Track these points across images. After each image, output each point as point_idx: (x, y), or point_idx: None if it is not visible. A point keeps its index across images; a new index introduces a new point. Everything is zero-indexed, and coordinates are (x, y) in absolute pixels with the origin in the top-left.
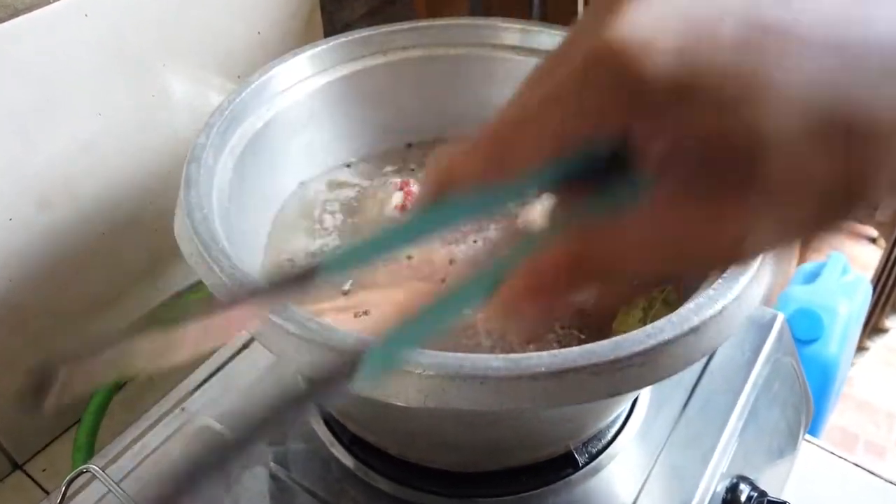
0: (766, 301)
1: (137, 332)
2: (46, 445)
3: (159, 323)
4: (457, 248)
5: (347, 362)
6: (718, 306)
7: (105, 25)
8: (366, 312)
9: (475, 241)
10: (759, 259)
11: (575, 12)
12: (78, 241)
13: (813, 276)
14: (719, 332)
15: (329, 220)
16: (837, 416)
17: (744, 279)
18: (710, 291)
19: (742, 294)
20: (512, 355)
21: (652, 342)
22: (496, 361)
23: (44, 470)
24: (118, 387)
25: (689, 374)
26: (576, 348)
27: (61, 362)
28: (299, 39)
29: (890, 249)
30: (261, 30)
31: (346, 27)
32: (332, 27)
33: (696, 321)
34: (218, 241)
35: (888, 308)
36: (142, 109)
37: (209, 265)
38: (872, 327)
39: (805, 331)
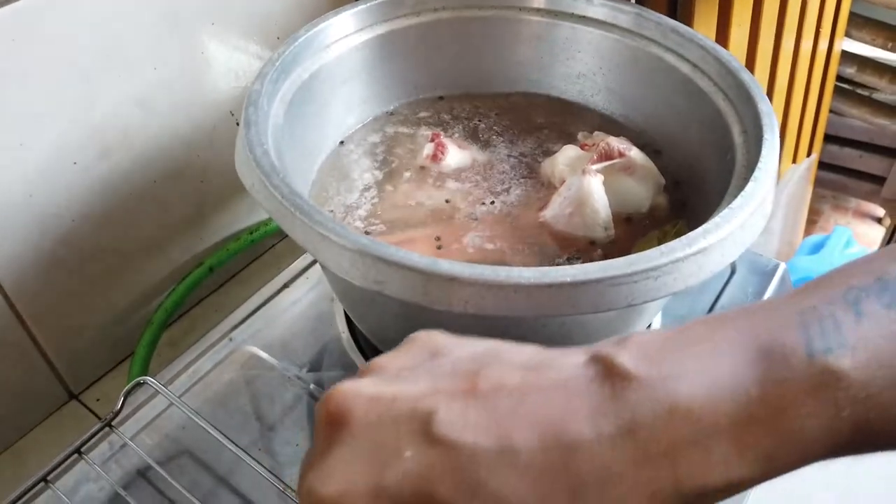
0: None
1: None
2: (100, 377)
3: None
4: (479, 209)
5: None
6: (724, 232)
7: None
8: (410, 243)
9: (492, 203)
10: (763, 192)
11: None
12: (133, 188)
13: (817, 248)
14: (724, 254)
15: (368, 177)
16: None
17: (748, 209)
18: (717, 219)
19: (746, 222)
20: (541, 268)
21: (665, 259)
22: (528, 272)
23: (98, 399)
24: (168, 322)
25: (695, 316)
26: (596, 263)
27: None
28: (334, 1)
29: (894, 226)
30: None
31: None
32: None
33: (704, 243)
34: (278, 170)
35: None
36: (192, 66)
37: (271, 192)
38: None
39: None
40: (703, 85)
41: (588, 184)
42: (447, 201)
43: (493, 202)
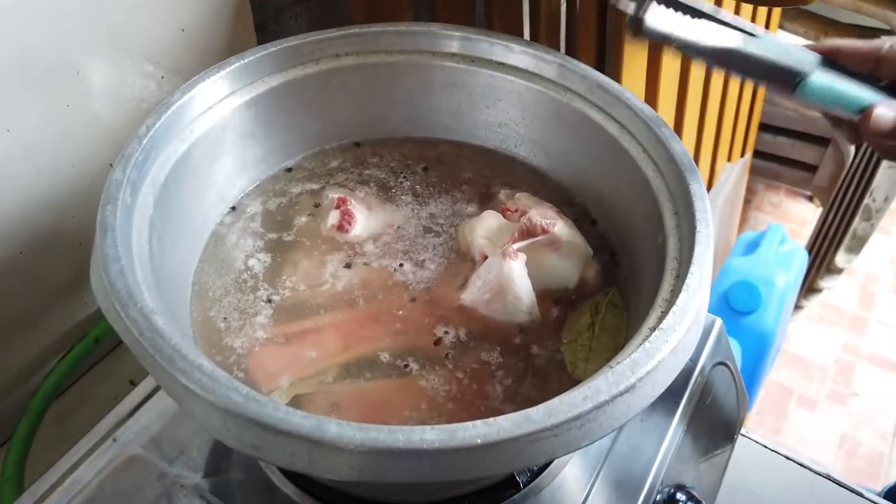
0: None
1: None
2: None
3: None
4: (393, 288)
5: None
6: (654, 361)
7: (7, 39)
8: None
9: (408, 280)
10: (697, 304)
11: (519, 20)
12: None
13: (752, 247)
14: (654, 386)
15: (257, 265)
16: (773, 373)
17: (681, 328)
18: (647, 345)
19: (677, 346)
20: (447, 426)
21: (588, 405)
22: (430, 434)
23: None
24: (46, 408)
25: None
26: (511, 416)
27: None
28: (229, 34)
29: (825, 214)
30: (185, 26)
31: (278, 13)
32: (263, 14)
33: (632, 379)
34: (136, 298)
35: (823, 270)
36: (55, 122)
37: (126, 325)
38: (808, 287)
39: (744, 302)
40: (630, 149)
41: (508, 269)
42: (355, 280)
43: (408, 280)
